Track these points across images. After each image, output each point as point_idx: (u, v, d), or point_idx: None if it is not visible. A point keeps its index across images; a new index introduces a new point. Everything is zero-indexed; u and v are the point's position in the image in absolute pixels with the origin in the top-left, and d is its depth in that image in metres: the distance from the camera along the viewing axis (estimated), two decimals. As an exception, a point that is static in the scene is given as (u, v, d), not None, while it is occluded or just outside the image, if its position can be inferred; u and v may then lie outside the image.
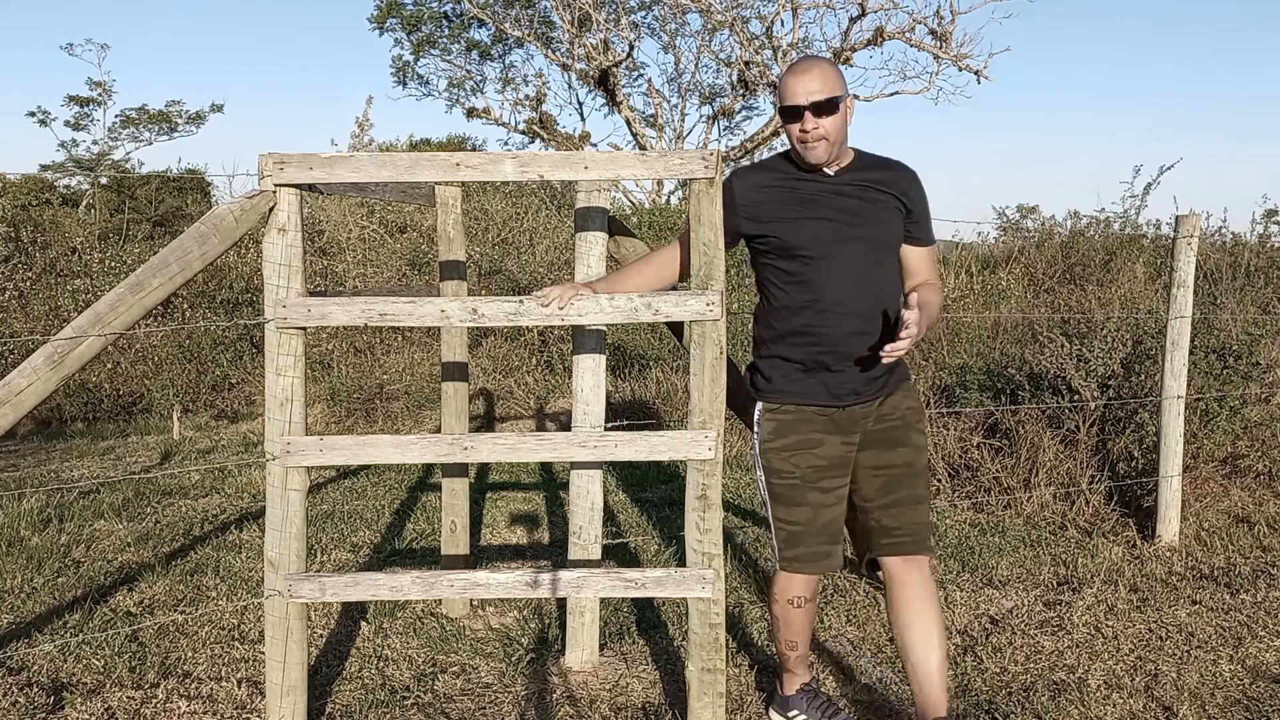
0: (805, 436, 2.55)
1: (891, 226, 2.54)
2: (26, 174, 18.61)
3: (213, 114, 23.39)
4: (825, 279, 2.49)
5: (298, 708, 2.69)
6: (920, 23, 12.38)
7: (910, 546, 2.58)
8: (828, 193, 2.51)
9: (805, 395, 2.55)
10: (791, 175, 2.54)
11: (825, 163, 2.48)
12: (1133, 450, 4.95)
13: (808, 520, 2.56)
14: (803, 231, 2.49)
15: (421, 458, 2.60)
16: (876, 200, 2.51)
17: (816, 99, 2.41)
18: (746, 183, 2.57)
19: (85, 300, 8.58)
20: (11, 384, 2.42)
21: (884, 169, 2.57)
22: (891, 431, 2.58)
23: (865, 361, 2.50)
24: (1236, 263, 8.50)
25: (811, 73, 2.43)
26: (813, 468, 2.54)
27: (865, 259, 2.49)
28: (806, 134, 2.42)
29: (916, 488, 2.59)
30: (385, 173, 2.58)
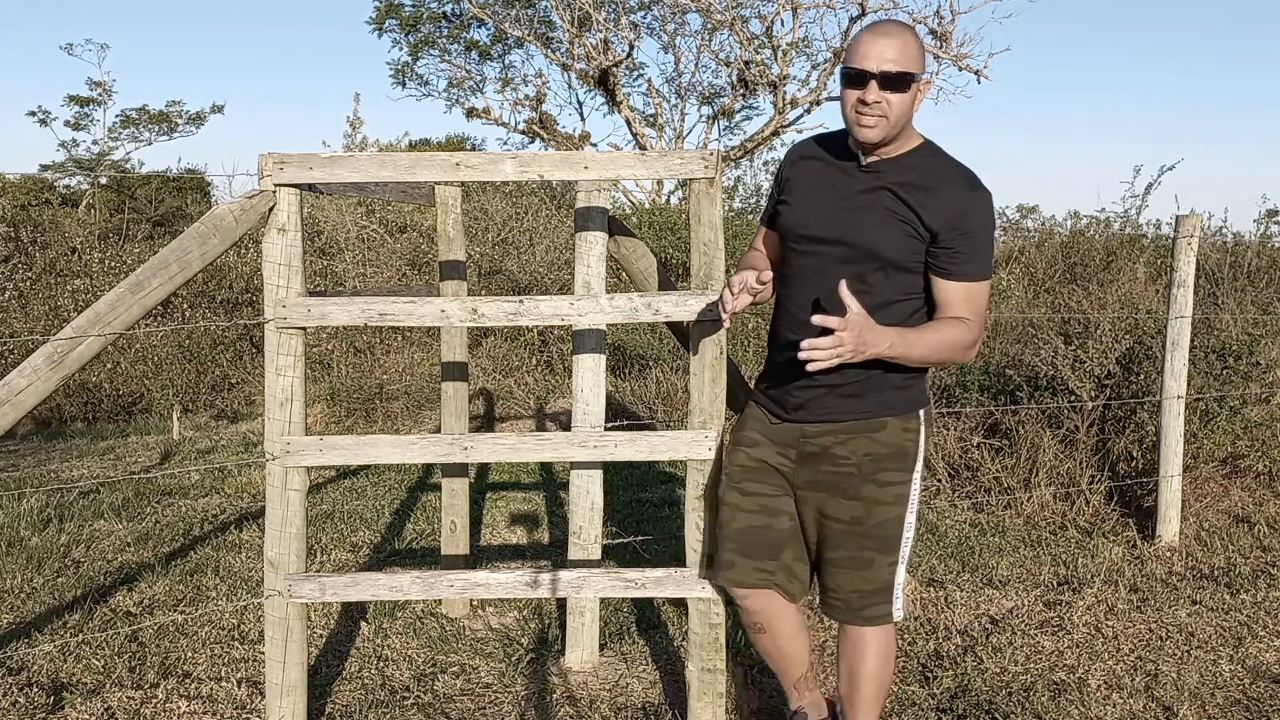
0: (749, 434, 2.37)
1: (889, 242, 2.15)
2: (26, 174, 18.62)
3: (213, 114, 23.40)
4: (799, 276, 2.26)
5: (298, 708, 2.69)
6: (920, 22, 12.38)
7: (842, 614, 2.34)
8: (845, 183, 2.21)
9: (764, 395, 2.38)
10: (830, 155, 2.26)
11: (877, 145, 2.14)
12: (1133, 450, 4.95)
13: (725, 521, 2.38)
14: (798, 216, 2.25)
15: (421, 458, 2.60)
16: (888, 208, 2.15)
17: (889, 69, 2.05)
18: (794, 152, 2.35)
19: (85, 300, 8.58)
20: (11, 384, 2.42)
21: (926, 176, 2.16)
22: (841, 480, 2.24)
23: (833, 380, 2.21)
24: (1237, 263, 8.50)
25: (892, 37, 2.06)
26: (740, 466, 2.36)
27: (847, 268, 2.17)
28: (865, 105, 2.07)
29: (861, 549, 2.26)
30: (385, 173, 2.58)
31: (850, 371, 2.19)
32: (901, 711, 2.92)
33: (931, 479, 5.41)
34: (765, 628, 2.41)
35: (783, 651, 2.45)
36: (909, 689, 3.06)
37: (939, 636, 3.44)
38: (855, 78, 2.09)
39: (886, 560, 2.29)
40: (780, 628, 2.41)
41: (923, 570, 4.12)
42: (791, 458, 2.30)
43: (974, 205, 2.14)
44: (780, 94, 13.95)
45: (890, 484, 2.25)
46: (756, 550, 2.33)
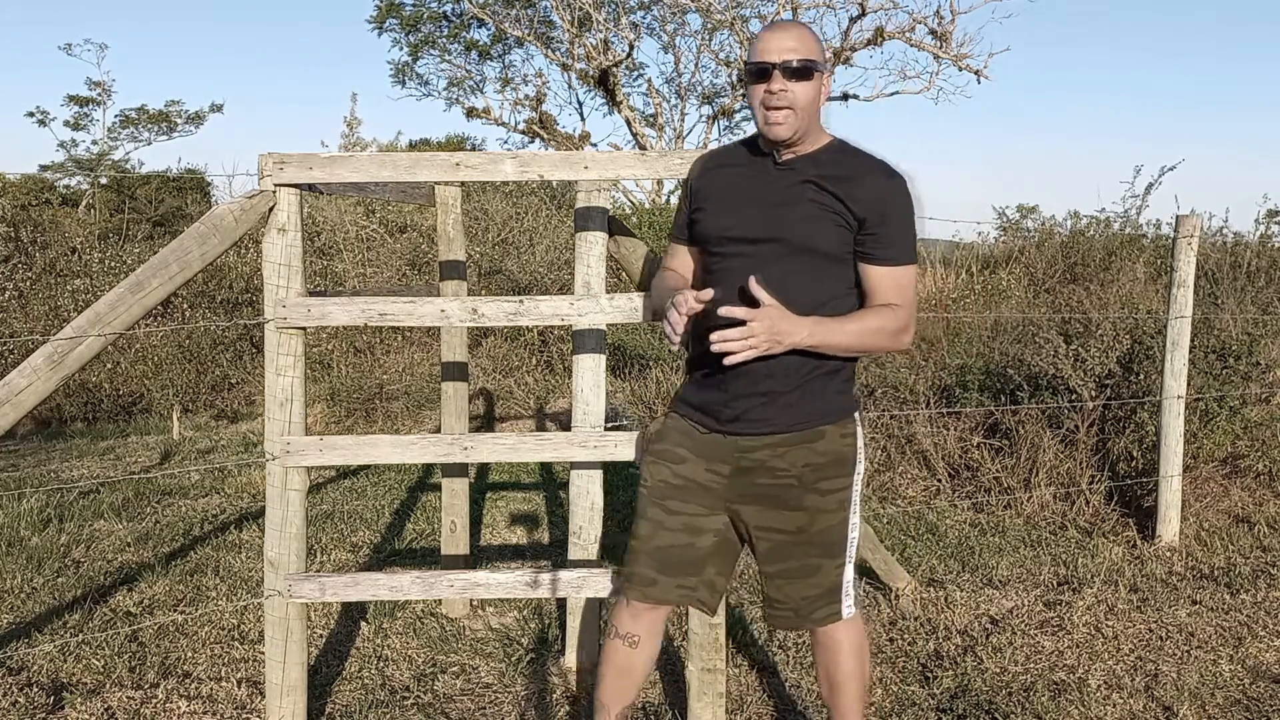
0: (672, 448, 2.27)
1: (822, 235, 2.14)
2: (26, 174, 18.63)
3: (212, 114, 23.42)
4: (730, 282, 2.16)
5: (298, 708, 2.69)
6: (920, 23, 12.40)
7: (793, 622, 2.31)
8: (763, 182, 2.19)
9: (690, 408, 2.28)
10: (741, 160, 2.25)
11: (788, 140, 2.14)
12: (1133, 450, 4.95)
13: (645, 536, 2.28)
14: (720, 221, 2.21)
15: (421, 458, 2.60)
16: (813, 200, 2.14)
17: (790, 59, 2.09)
18: (700, 163, 2.34)
19: (85, 300, 8.58)
20: (11, 384, 2.42)
21: (844, 167, 2.17)
22: (781, 491, 2.21)
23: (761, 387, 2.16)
24: (1237, 263, 8.50)
25: (790, 32, 2.12)
26: (663, 482, 2.26)
27: (779, 265, 2.13)
28: (772, 96, 2.09)
29: (806, 557, 2.24)
30: (385, 173, 2.58)
31: (786, 378, 2.16)
32: (901, 711, 2.92)
33: (931, 479, 5.41)
34: (640, 643, 2.34)
35: (634, 675, 2.37)
36: (909, 689, 3.06)
37: (939, 636, 3.44)
38: (759, 72, 2.11)
39: (834, 564, 2.28)
40: (650, 647, 2.36)
41: (923, 570, 4.12)
42: (723, 473, 2.23)
43: (894, 191, 2.16)
44: (780, 94, 13.97)
45: (832, 491, 2.23)
46: (678, 568, 2.28)
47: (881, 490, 5.43)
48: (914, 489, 5.38)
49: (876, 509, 5.06)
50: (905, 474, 5.50)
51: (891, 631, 3.50)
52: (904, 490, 5.38)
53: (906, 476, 5.48)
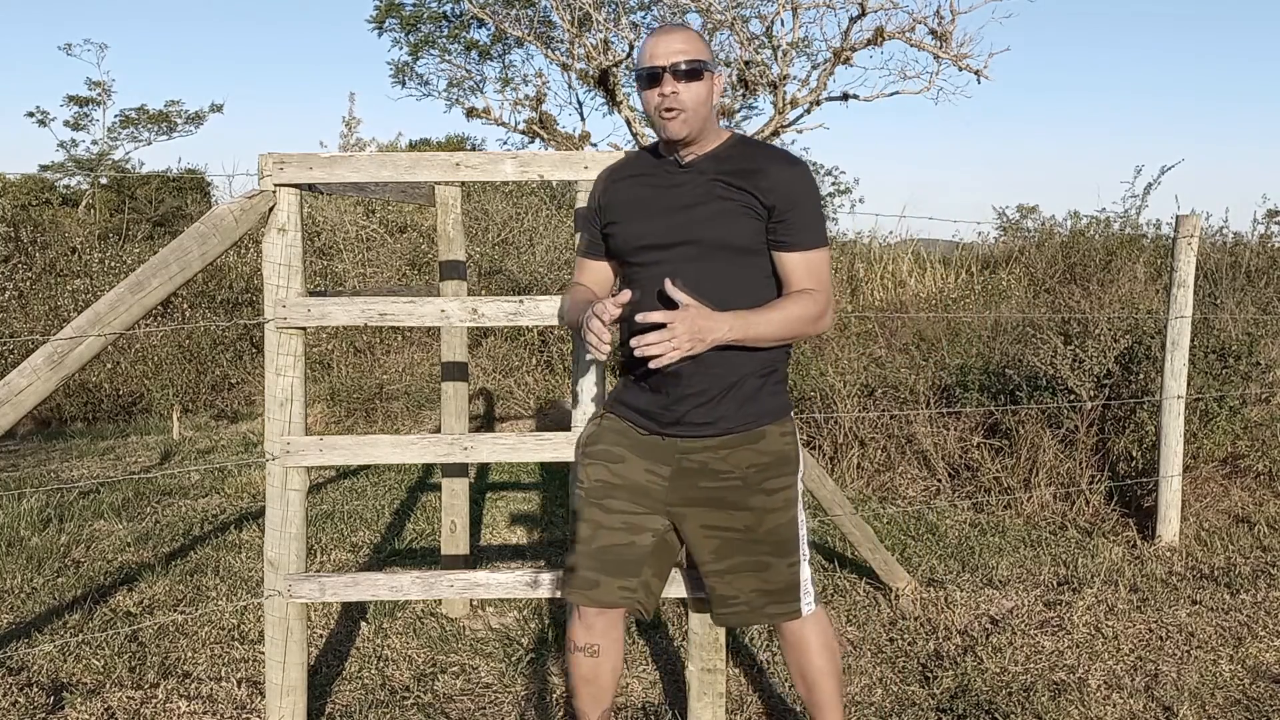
0: (610, 448, 2.29)
1: (733, 228, 2.17)
2: (26, 174, 18.62)
3: (212, 114, 23.40)
4: (650, 288, 2.19)
5: (298, 708, 2.69)
6: (920, 23, 12.38)
7: (746, 617, 2.32)
8: (670, 186, 2.22)
9: (629, 409, 2.29)
10: (645, 168, 2.28)
11: (684, 139, 2.17)
12: (1132, 450, 4.95)
13: (585, 538, 2.28)
14: (632, 231, 2.23)
15: (421, 458, 2.60)
16: (723, 198, 2.17)
17: (679, 60, 2.12)
18: (603, 178, 2.34)
19: (85, 300, 8.58)
20: (11, 384, 2.42)
21: (747, 160, 2.20)
22: (726, 493, 2.23)
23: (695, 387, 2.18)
24: (1237, 263, 8.50)
25: (676, 35, 2.16)
26: (601, 482, 2.28)
27: (698, 266, 2.16)
28: (665, 99, 2.13)
29: (756, 554, 2.26)
30: (385, 173, 2.58)
31: (722, 379, 2.18)
32: (901, 711, 2.92)
33: (931, 479, 5.41)
34: (601, 651, 2.34)
35: (603, 682, 2.37)
36: (909, 689, 3.06)
37: (939, 636, 3.44)
38: (650, 77, 2.15)
39: (785, 562, 2.29)
40: (613, 652, 2.37)
41: (923, 570, 4.12)
42: (664, 475, 2.24)
43: (799, 177, 2.20)
44: (780, 94, 13.95)
45: (778, 490, 2.26)
46: (619, 568, 2.28)
47: (881, 490, 5.43)
48: (914, 489, 5.38)
49: (876, 509, 5.06)
50: (905, 474, 5.50)
51: (891, 631, 3.50)
52: (904, 490, 5.38)
53: (906, 476, 5.48)
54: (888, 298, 8.81)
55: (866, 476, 5.56)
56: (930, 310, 7.91)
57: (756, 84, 14.22)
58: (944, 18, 12.05)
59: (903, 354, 6.46)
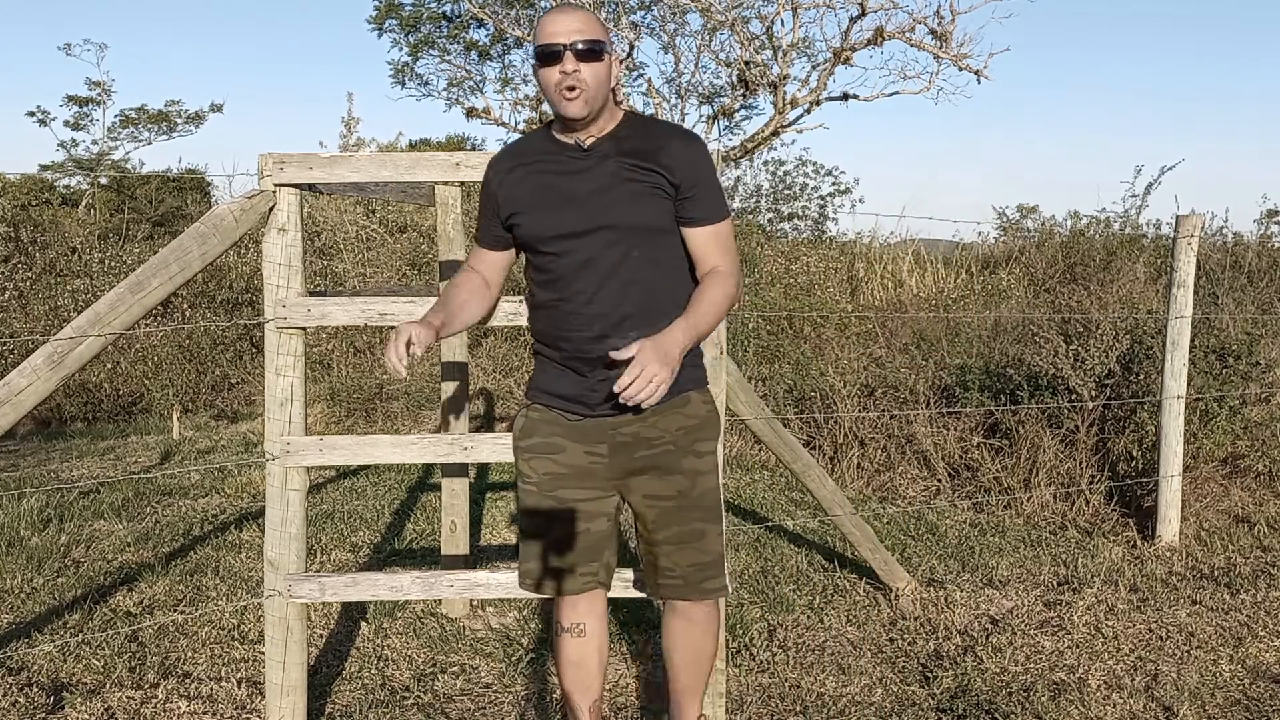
0: (546, 440, 2.30)
1: (646, 209, 2.19)
2: (26, 174, 18.61)
3: (212, 114, 23.35)
4: (568, 276, 2.20)
5: (298, 708, 2.69)
6: (920, 23, 12.38)
7: (683, 590, 2.36)
8: (575, 173, 2.20)
9: (554, 397, 2.30)
10: (544, 154, 2.24)
11: (584, 119, 2.15)
12: (1132, 450, 4.95)
13: (541, 532, 2.32)
14: (541, 223, 2.21)
15: (421, 458, 2.60)
16: (630, 179, 2.18)
17: (578, 39, 2.11)
18: (499, 166, 2.28)
19: (85, 300, 8.57)
20: (11, 384, 2.42)
21: (647, 137, 2.21)
22: (660, 458, 2.28)
23: (620, 368, 2.18)
24: (1237, 263, 8.51)
25: (574, 15, 2.14)
26: (549, 474, 2.29)
27: (616, 251, 2.18)
28: (566, 77, 2.11)
29: (691, 522, 2.31)
30: (385, 173, 2.58)
31: None
32: (901, 711, 2.92)
33: (931, 479, 5.41)
34: (586, 632, 2.38)
35: (590, 666, 2.40)
36: (909, 689, 3.06)
37: (939, 636, 3.44)
38: (549, 54, 2.13)
39: (715, 531, 2.36)
40: (597, 631, 2.40)
41: (923, 570, 4.12)
42: (602, 453, 2.28)
43: (699, 152, 2.23)
44: (780, 94, 13.95)
45: (706, 453, 2.33)
46: (579, 556, 2.32)
47: (881, 490, 5.43)
48: (914, 489, 5.38)
49: (876, 509, 5.06)
50: (905, 474, 5.50)
51: (891, 631, 3.50)
52: (904, 490, 5.38)
53: (906, 476, 5.48)
54: (888, 298, 8.81)
55: (866, 476, 5.56)
56: (930, 310, 7.91)
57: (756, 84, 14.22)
58: (944, 18, 12.05)
59: (903, 354, 6.46)
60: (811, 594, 3.85)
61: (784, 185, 17.17)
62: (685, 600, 2.39)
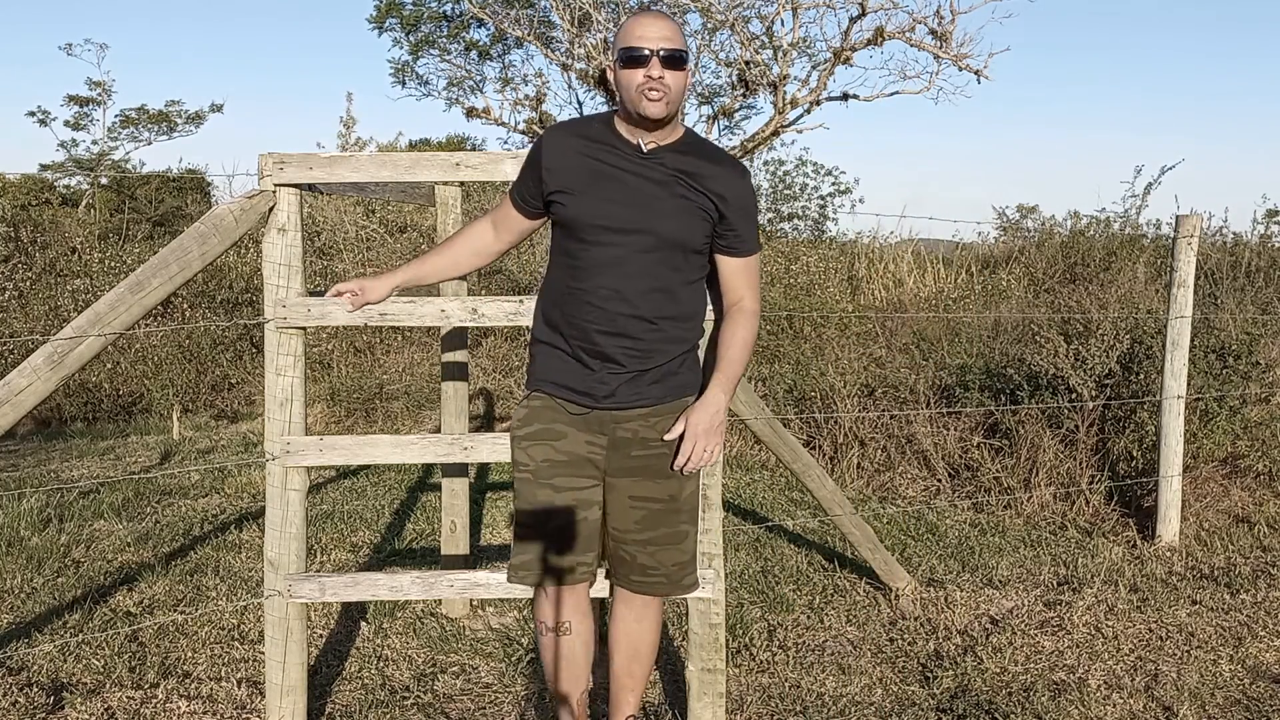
0: (547, 426, 2.32)
1: (689, 227, 2.24)
2: (26, 174, 18.60)
3: (212, 114, 23.34)
4: (595, 269, 2.24)
5: (298, 708, 2.69)
6: (920, 23, 12.37)
7: (664, 589, 2.43)
8: (630, 172, 2.23)
9: (559, 387, 2.31)
10: (602, 143, 2.26)
11: (661, 122, 2.20)
12: (1133, 450, 4.95)
13: (536, 522, 2.33)
14: (587, 208, 2.23)
15: (421, 458, 2.60)
16: (682, 195, 2.23)
17: (668, 48, 2.15)
18: (558, 140, 2.29)
19: (85, 300, 8.57)
20: (11, 384, 2.42)
21: (705, 160, 2.27)
22: (655, 461, 2.32)
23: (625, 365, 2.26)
24: (1237, 263, 8.51)
25: (664, 22, 2.19)
26: (548, 461, 2.31)
27: (649, 256, 2.23)
28: (652, 81, 2.14)
29: (678, 524, 2.38)
30: (385, 173, 2.58)
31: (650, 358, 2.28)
32: (901, 711, 2.92)
33: (931, 479, 5.41)
34: (574, 629, 2.40)
35: (579, 659, 2.43)
36: (909, 689, 3.06)
37: (939, 636, 3.44)
38: (637, 58, 2.17)
39: (695, 530, 2.45)
40: (584, 629, 2.43)
41: (923, 570, 4.12)
42: (602, 444, 2.33)
43: (748, 185, 2.32)
44: (780, 94, 13.94)
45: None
46: (577, 546, 2.35)
47: (881, 490, 5.43)
48: (914, 489, 5.38)
49: (876, 509, 5.06)
50: (905, 474, 5.50)
51: (891, 631, 3.50)
52: (904, 490, 5.38)
53: (906, 476, 5.48)
54: (888, 298, 8.81)
55: (866, 476, 5.56)
56: (930, 310, 7.91)
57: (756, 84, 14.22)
58: (944, 18, 12.04)
59: (903, 354, 6.46)
60: (811, 594, 3.85)
61: (784, 185, 17.18)
62: (661, 596, 2.45)
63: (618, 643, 2.51)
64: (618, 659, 2.52)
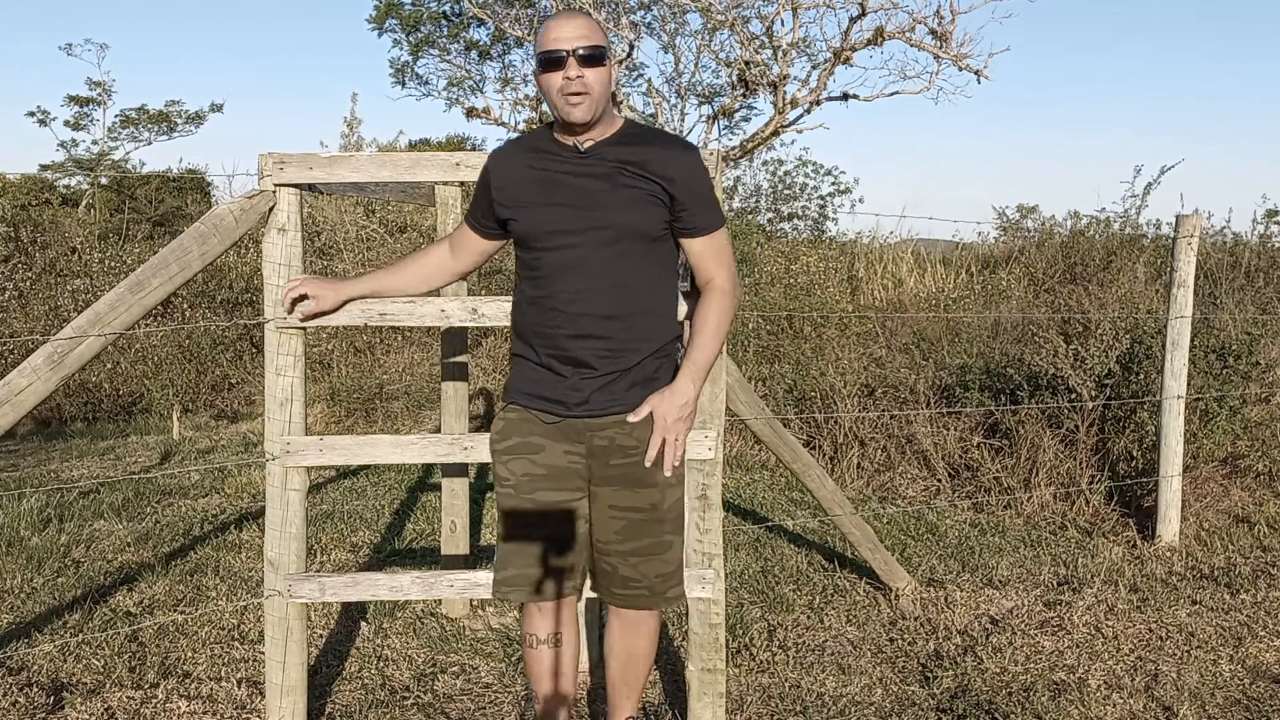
0: (524, 440, 2.31)
1: (642, 216, 2.22)
2: (26, 174, 18.60)
3: (212, 114, 23.32)
4: (555, 274, 2.23)
5: (298, 708, 2.69)
6: (920, 23, 12.37)
7: (646, 601, 2.38)
8: (572, 174, 2.23)
9: (532, 397, 2.30)
10: (544, 152, 2.27)
11: (586, 124, 2.19)
12: (1132, 450, 4.95)
13: (519, 535, 2.31)
14: (537, 219, 2.23)
15: (421, 458, 2.60)
16: (629, 185, 2.21)
17: (582, 45, 2.14)
18: (503, 158, 2.31)
19: (85, 300, 8.57)
20: (11, 384, 2.42)
21: (646, 146, 2.24)
22: (634, 469, 2.28)
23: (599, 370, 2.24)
24: (1237, 263, 8.51)
25: (578, 21, 2.18)
26: (528, 475, 2.29)
27: (606, 253, 2.21)
28: (570, 82, 2.14)
29: (660, 534, 2.33)
30: (385, 173, 2.58)
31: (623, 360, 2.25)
32: (901, 711, 2.92)
33: (931, 479, 5.41)
34: (562, 642, 2.41)
35: (568, 672, 2.44)
36: (909, 689, 3.06)
37: (939, 636, 3.44)
38: (552, 60, 2.16)
39: (679, 540, 2.39)
40: (572, 640, 2.44)
41: (923, 570, 4.12)
42: (580, 453, 2.30)
43: (695, 163, 2.27)
44: (780, 94, 13.94)
45: (677, 465, 2.34)
46: (562, 560, 2.33)
47: (881, 490, 5.43)
48: (914, 489, 5.38)
49: (876, 509, 5.06)
50: (905, 474, 5.50)
51: (891, 631, 3.50)
52: (904, 490, 5.38)
53: (906, 476, 5.48)
54: (888, 298, 8.81)
55: (866, 476, 5.56)
56: (930, 310, 7.91)
57: (756, 84, 14.21)
58: (944, 18, 12.04)
59: (903, 354, 6.46)
60: (811, 594, 3.85)
61: (784, 185, 17.17)
62: (644, 610, 2.40)
63: (612, 649, 2.50)
64: (613, 665, 2.51)
